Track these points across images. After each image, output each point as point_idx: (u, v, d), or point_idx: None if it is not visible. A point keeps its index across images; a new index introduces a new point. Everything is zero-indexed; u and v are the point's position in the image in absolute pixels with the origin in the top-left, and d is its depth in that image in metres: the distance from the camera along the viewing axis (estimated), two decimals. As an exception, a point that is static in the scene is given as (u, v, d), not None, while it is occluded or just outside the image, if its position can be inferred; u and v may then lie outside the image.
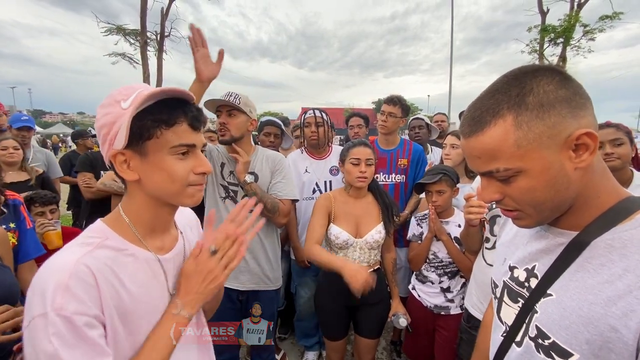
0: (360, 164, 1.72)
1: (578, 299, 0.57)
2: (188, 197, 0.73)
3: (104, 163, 2.60)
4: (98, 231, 0.70)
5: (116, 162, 0.68)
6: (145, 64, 13.05)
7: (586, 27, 13.64)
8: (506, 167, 0.59)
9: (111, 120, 0.65)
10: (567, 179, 0.58)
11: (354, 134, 3.18)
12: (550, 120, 0.55)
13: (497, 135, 0.58)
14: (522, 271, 0.70)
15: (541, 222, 0.65)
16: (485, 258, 1.48)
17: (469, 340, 1.49)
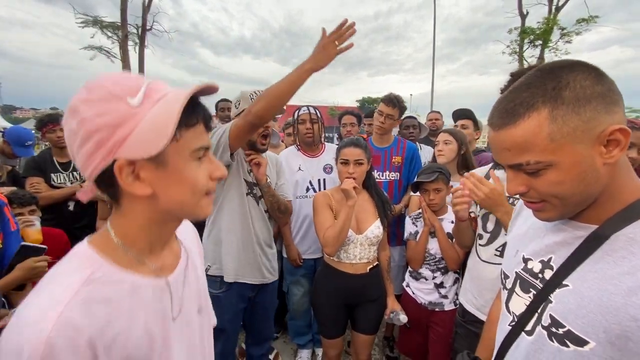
0: (349, 165, 1.73)
1: (597, 289, 0.58)
2: (202, 209, 0.62)
3: (53, 165, 2.49)
4: (85, 260, 0.56)
5: (122, 174, 0.54)
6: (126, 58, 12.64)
7: (563, 30, 14.18)
8: (537, 160, 0.59)
9: (114, 122, 0.51)
10: (596, 174, 0.58)
11: (347, 132, 3.20)
12: (585, 115, 0.56)
13: (530, 128, 0.58)
14: (537, 263, 0.71)
15: (564, 216, 0.66)
16: (480, 254, 1.51)
17: (465, 334, 1.52)
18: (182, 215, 0.64)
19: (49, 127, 2.51)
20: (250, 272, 1.77)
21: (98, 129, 0.52)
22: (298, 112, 2.38)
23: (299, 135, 2.38)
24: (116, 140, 0.52)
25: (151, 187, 0.56)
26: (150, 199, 0.57)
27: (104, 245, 0.59)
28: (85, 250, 0.57)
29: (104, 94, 0.53)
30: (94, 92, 0.53)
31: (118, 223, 0.61)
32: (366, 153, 1.78)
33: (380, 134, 2.55)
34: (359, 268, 1.77)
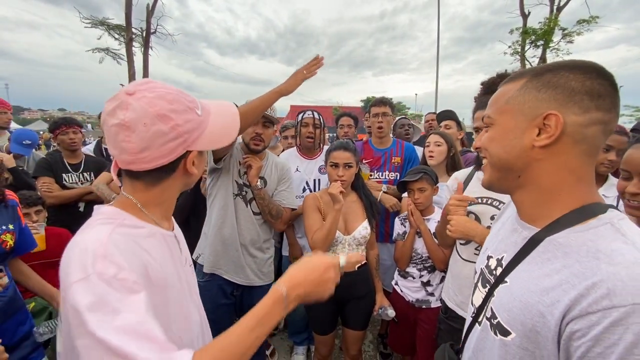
0: (338, 167, 1.80)
1: (522, 287, 0.65)
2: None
3: (64, 165, 2.61)
4: (113, 214, 0.73)
5: (189, 161, 0.78)
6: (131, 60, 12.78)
7: (565, 31, 14.11)
8: (489, 115, 0.73)
9: (194, 126, 0.74)
10: (520, 149, 0.66)
11: (344, 134, 3.26)
12: (542, 95, 0.63)
13: (505, 89, 0.70)
14: (494, 260, 0.79)
15: (491, 183, 0.76)
16: (460, 253, 1.58)
17: (447, 330, 1.59)
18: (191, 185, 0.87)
19: (62, 129, 2.59)
20: (230, 269, 1.84)
21: (187, 130, 0.73)
22: (302, 115, 2.45)
23: (300, 137, 2.45)
24: (193, 138, 0.75)
25: (197, 169, 0.81)
26: (187, 176, 0.81)
27: (127, 206, 0.76)
28: (110, 209, 0.75)
29: (183, 106, 0.73)
30: (175, 104, 0.71)
31: (147, 196, 0.78)
32: (355, 156, 1.84)
33: (381, 137, 2.62)
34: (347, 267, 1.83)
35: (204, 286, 1.78)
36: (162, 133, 0.69)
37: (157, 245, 0.77)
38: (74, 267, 0.61)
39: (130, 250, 0.68)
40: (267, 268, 1.96)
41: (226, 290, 1.86)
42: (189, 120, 0.73)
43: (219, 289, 1.84)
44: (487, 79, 1.31)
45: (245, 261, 1.86)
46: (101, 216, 0.73)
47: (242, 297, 1.90)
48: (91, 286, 0.59)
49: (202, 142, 0.77)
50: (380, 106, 2.55)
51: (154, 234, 0.78)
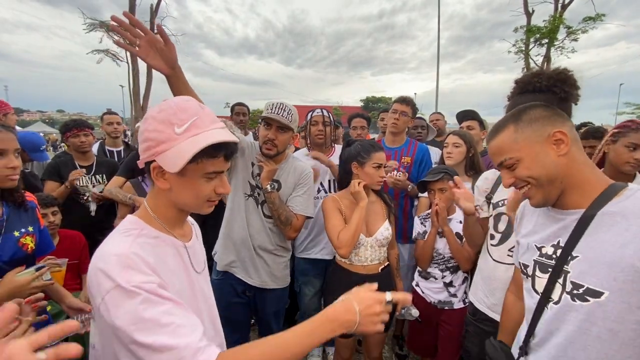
0: (381, 169, 1.80)
1: (600, 251, 0.80)
2: (203, 209, 0.87)
3: (74, 167, 2.55)
4: (134, 223, 0.82)
5: (154, 171, 0.79)
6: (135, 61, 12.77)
7: (570, 29, 14.06)
8: (509, 157, 0.92)
9: (161, 139, 0.76)
10: (554, 162, 0.87)
11: (357, 135, 3.23)
12: (535, 126, 0.90)
13: (503, 137, 0.94)
14: (549, 247, 0.93)
15: (547, 199, 0.91)
16: (492, 254, 1.54)
17: (476, 332, 1.56)
18: (188, 209, 0.88)
19: (73, 131, 2.56)
20: (241, 269, 1.82)
21: (152, 138, 0.77)
22: (312, 114, 2.42)
23: (310, 136, 2.42)
24: (157, 151, 0.77)
25: (169, 185, 0.81)
26: (168, 191, 0.82)
27: (144, 216, 0.85)
28: (133, 218, 0.84)
29: (166, 118, 0.76)
30: (162, 112, 0.77)
31: (151, 200, 0.87)
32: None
33: (394, 134, 2.59)
34: (370, 269, 1.81)
35: (217, 284, 1.78)
36: (141, 130, 0.79)
37: (171, 253, 0.84)
38: (102, 280, 0.68)
39: (151, 258, 0.75)
40: (280, 272, 1.91)
41: (237, 288, 1.84)
42: (158, 130, 0.76)
43: (231, 287, 1.83)
44: (522, 76, 1.27)
45: (256, 262, 1.83)
46: (123, 226, 0.81)
47: (255, 298, 1.87)
48: (123, 294, 0.66)
49: (165, 158, 0.76)
50: (402, 104, 2.52)
51: (167, 242, 0.85)
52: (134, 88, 12.78)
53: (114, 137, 3.38)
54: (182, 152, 0.74)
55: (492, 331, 1.47)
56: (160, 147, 0.76)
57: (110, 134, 3.36)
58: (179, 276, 0.84)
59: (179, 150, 0.74)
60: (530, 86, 1.25)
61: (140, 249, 0.74)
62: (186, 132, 0.76)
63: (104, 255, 0.71)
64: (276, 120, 1.71)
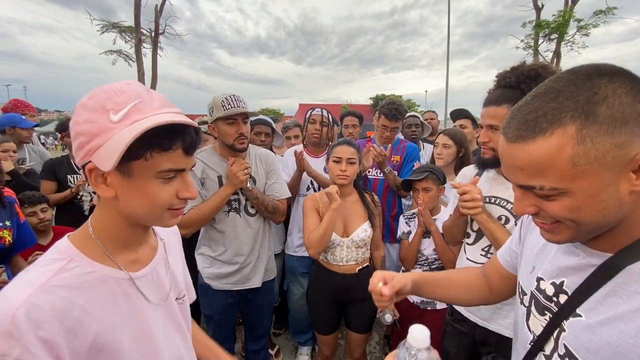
0: (341, 162, 1.76)
1: (608, 325, 0.54)
2: (164, 221, 0.67)
3: (70, 167, 2.58)
4: (62, 251, 0.63)
5: (91, 176, 0.61)
6: (140, 61, 12.99)
7: (580, 23, 13.70)
8: (553, 187, 0.52)
9: (94, 131, 0.58)
10: (619, 202, 0.52)
11: (349, 134, 3.21)
12: (620, 138, 0.48)
13: (551, 148, 0.50)
14: (549, 284, 0.68)
15: (574, 241, 0.62)
16: (466, 253, 1.52)
17: (453, 333, 1.54)
18: (145, 222, 0.69)
19: (68, 132, 2.58)
20: (239, 283, 1.80)
21: (82, 132, 0.59)
22: (311, 112, 2.41)
23: (307, 133, 2.42)
24: (92, 147, 0.58)
25: (114, 192, 0.62)
26: (114, 201, 0.63)
27: (81, 239, 0.65)
28: (65, 243, 0.64)
29: (96, 104, 0.59)
30: (93, 98, 0.60)
31: (96, 215, 0.68)
32: (359, 153, 1.81)
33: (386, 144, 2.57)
34: (346, 269, 1.80)
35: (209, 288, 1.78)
36: (70, 125, 0.61)
37: (108, 292, 0.64)
38: None
39: (60, 314, 0.56)
40: (270, 264, 1.94)
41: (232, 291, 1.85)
42: (90, 121, 0.58)
43: (224, 291, 1.82)
44: (502, 71, 1.25)
45: (244, 272, 1.81)
46: (47, 257, 0.62)
47: (247, 295, 1.88)
48: None
49: (99, 156, 0.57)
50: (393, 121, 2.39)
51: (105, 279, 0.64)
52: (139, 88, 13.01)
53: None
54: (115, 144, 0.56)
55: (468, 332, 1.46)
56: (94, 141, 0.57)
57: None
58: (122, 321, 0.65)
59: (112, 144, 0.56)
60: (503, 81, 1.23)
61: (49, 300, 0.55)
62: (125, 118, 0.57)
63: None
64: (242, 112, 1.63)
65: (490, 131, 1.27)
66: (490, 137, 1.27)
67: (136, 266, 0.71)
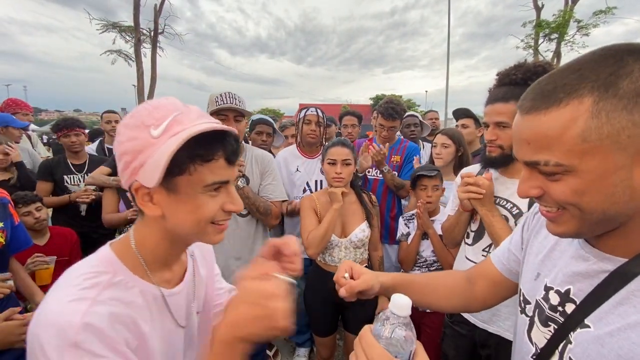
0: (336, 165, 1.73)
1: (619, 336, 0.50)
2: (209, 237, 0.66)
3: (67, 167, 2.58)
4: (107, 264, 0.63)
5: (138, 195, 0.60)
6: (139, 61, 12.98)
7: (580, 23, 13.68)
8: (558, 162, 0.49)
9: (138, 148, 0.57)
10: (630, 192, 0.47)
11: (348, 134, 3.19)
12: (639, 116, 0.44)
13: (562, 119, 0.47)
14: (554, 293, 0.63)
15: (580, 234, 0.57)
16: (466, 253, 1.51)
17: (452, 335, 1.53)
18: (189, 239, 0.68)
19: (63, 131, 2.58)
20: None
21: (126, 151, 0.59)
22: (305, 112, 2.37)
23: (302, 134, 2.38)
24: (136, 165, 0.58)
25: (161, 210, 0.61)
26: (161, 219, 0.62)
27: (123, 251, 0.65)
28: (108, 254, 0.64)
29: (138, 121, 0.59)
30: (133, 118, 0.60)
31: (139, 230, 0.67)
32: (353, 153, 1.78)
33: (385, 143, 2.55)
34: None
35: None
36: (114, 147, 0.62)
37: (146, 307, 0.64)
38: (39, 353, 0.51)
39: (112, 326, 0.56)
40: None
41: None
42: (132, 138, 0.58)
43: None
44: (504, 69, 1.23)
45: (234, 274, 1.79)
46: (89, 267, 0.61)
47: None
48: None
49: (143, 173, 0.57)
50: (389, 120, 2.38)
51: (145, 295, 0.64)
52: (138, 87, 13.00)
53: (112, 134, 3.47)
54: (159, 158, 0.55)
55: (467, 334, 1.44)
56: (138, 159, 0.57)
57: (109, 132, 3.47)
58: (162, 330, 0.66)
59: (155, 159, 0.56)
60: (507, 78, 1.22)
61: (102, 312, 0.56)
62: (165, 132, 0.57)
63: (46, 319, 0.53)
64: (233, 108, 1.58)
65: (498, 129, 1.24)
66: (498, 135, 1.25)
67: (169, 285, 0.71)
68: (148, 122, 0.58)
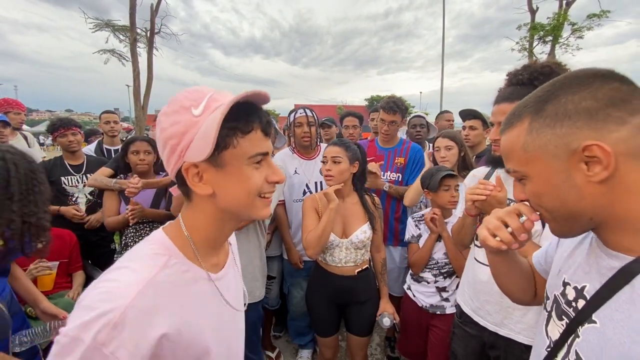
0: (327, 162, 1.74)
1: (621, 333, 0.53)
2: (257, 210, 0.68)
3: (64, 168, 2.54)
4: (163, 247, 0.65)
5: (189, 175, 0.63)
6: (135, 61, 12.80)
7: (574, 26, 13.85)
8: (514, 169, 0.64)
9: (182, 130, 0.60)
10: (577, 192, 0.56)
11: (349, 135, 3.18)
12: (561, 130, 0.55)
13: (513, 136, 0.62)
14: (571, 289, 0.67)
15: (566, 232, 0.64)
16: (476, 255, 1.51)
17: (461, 335, 1.52)
18: (239, 215, 0.70)
19: (60, 131, 2.54)
20: None
21: (171, 135, 0.62)
22: (294, 115, 2.34)
23: (295, 138, 2.35)
24: (183, 146, 0.61)
25: (212, 188, 0.64)
26: (212, 198, 0.65)
27: (176, 236, 0.68)
28: (163, 237, 0.67)
29: (177, 106, 0.62)
30: (171, 105, 0.63)
31: (188, 216, 0.69)
32: (347, 152, 1.74)
33: (387, 140, 2.55)
34: (345, 271, 1.78)
35: None
36: (157, 139, 0.65)
37: (197, 290, 0.66)
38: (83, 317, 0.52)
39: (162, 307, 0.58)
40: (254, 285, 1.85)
41: None
42: (175, 122, 0.61)
43: None
44: (514, 69, 1.23)
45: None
46: (149, 248, 0.64)
47: None
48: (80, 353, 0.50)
49: (192, 150, 0.60)
50: (390, 114, 2.39)
51: (197, 280, 0.67)
52: (134, 87, 12.83)
53: (111, 135, 3.43)
54: (207, 128, 0.58)
55: (477, 334, 1.44)
56: (184, 140, 0.60)
57: (107, 133, 3.42)
58: (209, 322, 0.68)
59: (202, 131, 0.59)
60: (515, 79, 1.22)
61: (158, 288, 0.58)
62: (206, 109, 0.60)
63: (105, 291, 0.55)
64: None
65: None
66: None
67: (216, 269, 0.73)
68: (187, 104, 0.61)
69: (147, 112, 13.52)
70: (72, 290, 2.09)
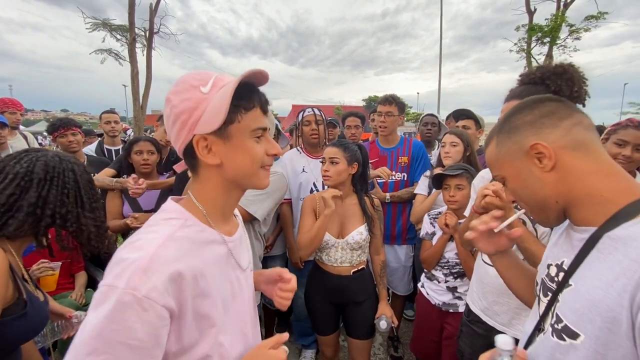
0: (325, 164, 1.75)
1: (588, 285, 0.64)
2: (260, 179, 0.76)
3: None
4: (177, 212, 0.72)
5: (199, 147, 0.70)
6: (134, 61, 12.75)
7: (572, 27, 13.95)
8: (495, 174, 0.83)
9: (192, 105, 0.67)
10: (539, 181, 0.72)
11: (351, 135, 3.17)
12: (515, 138, 0.75)
13: (489, 151, 0.83)
14: (554, 267, 0.78)
15: (546, 222, 0.79)
16: (482, 255, 1.51)
17: (468, 333, 1.53)
18: (243, 182, 0.76)
19: (60, 131, 2.51)
20: None
21: (183, 111, 0.68)
22: (303, 114, 2.37)
23: (303, 136, 2.37)
24: (194, 120, 0.68)
25: (220, 158, 0.71)
26: (219, 168, 0.72)
27: (189, 206, 0.74)
28: (175, 206, 0.73)
29: (186, 85, 0.69)
30: (179, 85, 0.70)
31: (196, 188, 0.76)
32: (345, 153, 1.72)
33: (385, 135, 2.55)
34: (341, 271, 1.78)
35: None
36: (167, 116, 0.71)
37: (214, 251, 0.73)
38: (115, 271, 0.59)
39: (184, 262, 0.64)
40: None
41: None
42: (185, 99, 0.68)
43: None
44: (527, 71, 1.27)
45: None
46: (164, 215, 0.71)
47: None
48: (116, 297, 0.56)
49: (203, 123, 0.67)
50: (385, 105, 2.46)
51: (213, 240, 0.74)
52: (133, 87, 12.76)
53: (111, 135, 3.39)
54: (218, 102, 0.66)
55: (484, 334, 1.44)
56: (195, 114, 0.67)
57: (108, 133, 3.39)
58: (222, 281, 0.74)
59: (213, 105, 0.66)
60: (527, 78, 1.25)
61: (176, 248, 0.64)
62: (213, 87, 0.68)
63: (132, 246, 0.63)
64: None
65: None
66: None
67: (229, 234, 0.80)
68: (195, 83, 0.68)
69: (145, 113, 13.45)
70: (74, 291, 2.07)
